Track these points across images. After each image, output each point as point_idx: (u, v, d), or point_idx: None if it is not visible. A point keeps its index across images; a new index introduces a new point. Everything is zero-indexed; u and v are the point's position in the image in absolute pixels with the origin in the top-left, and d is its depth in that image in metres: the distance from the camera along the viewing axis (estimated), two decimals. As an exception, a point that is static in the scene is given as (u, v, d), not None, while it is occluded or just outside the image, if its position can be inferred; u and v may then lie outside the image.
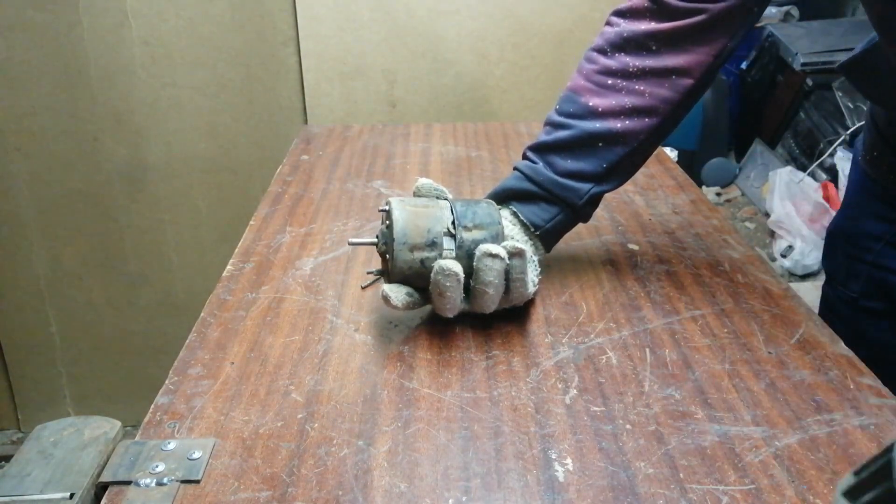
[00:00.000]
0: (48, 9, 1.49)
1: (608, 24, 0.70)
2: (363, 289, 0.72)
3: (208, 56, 1.56)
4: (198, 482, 0.48)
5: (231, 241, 1.09)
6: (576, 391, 0.57)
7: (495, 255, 0.59)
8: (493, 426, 0.53)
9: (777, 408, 0.55)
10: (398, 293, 0.61)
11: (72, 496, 0.49)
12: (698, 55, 0.66)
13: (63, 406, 1.83)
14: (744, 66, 2.63)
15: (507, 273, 0.61)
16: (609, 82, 0.68)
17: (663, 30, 0.66)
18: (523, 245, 0.62)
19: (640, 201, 0.93)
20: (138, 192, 1.66)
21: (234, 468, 0.50)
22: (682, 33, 0.66)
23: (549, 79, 1.60)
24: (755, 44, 2.58)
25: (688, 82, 0.67)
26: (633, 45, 0.67)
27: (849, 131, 2.21)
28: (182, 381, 0.59)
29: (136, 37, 1.53)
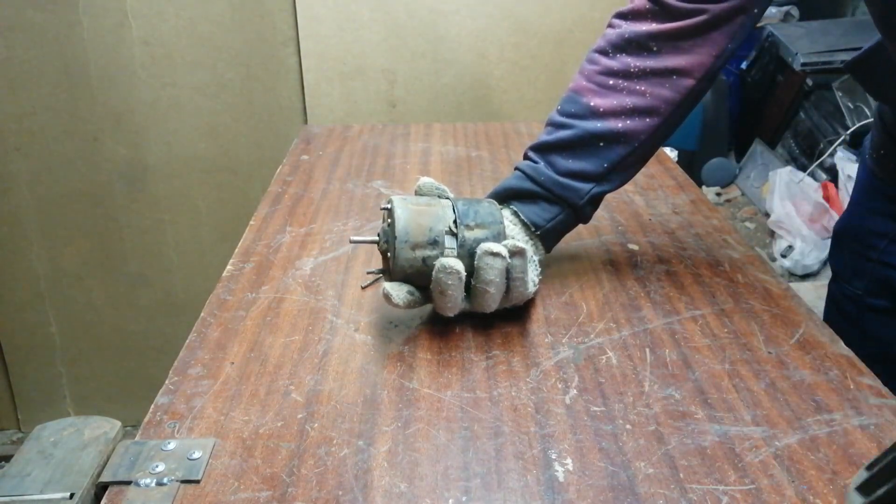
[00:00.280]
0: (48, 9, 1.49)
1: (610, 25, 0.70)
2: (363, 289, 0.72)
3: (208, 56, 1.56)
4: (198, 482, 0.48)
5: (231, 241, 1.09)
6: (576, 391, 0.57)
7: (496, 254, 0.59)
8: (493, 426, 0.53)
9: (777, 408, 0.55)
10: (399, 291, 0.61)
11: (72, 496, 0.49)
12: (699, 56, 0.67)
13: (63, 406, 1.83)
14: (744, 66, 2.63)
15: (508, 272, 0.61)
16: (610, 82, 0.68)
17: (664, 30, 0.66)
18: (524, 245, 0.62)
19: (640, 201, 0.93)
20: (138, 192, 1.66)
21: (234, 468, 0.50)
22: (683, 33, 0.66)
23: (549, 79, 1.60)
24: (755, 44, 2.58)
25: (689, 83, 0.67)
26: (635, 45, 0.67)
27: (849, 131, 2.20)
28: (182, 381, 0.59)
29: (136, 37, 1.53)
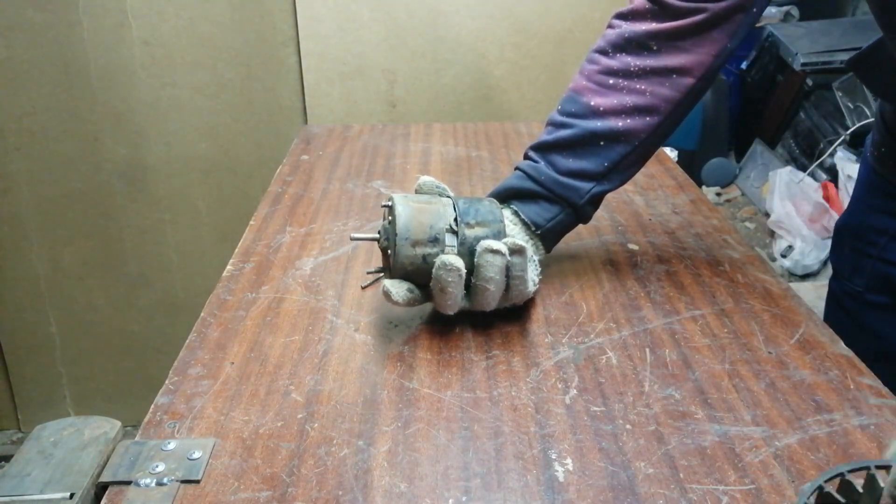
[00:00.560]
0: (48, 9, 1.49)
1: (610, 26, 0.71)
2: (363, 289, 0.72)
3: (208, 56, 1.56)
4: (198, 482, 0.48)
5: (231, 241, 1.09)
6: (576, 391, 0.57)
7: (496, 251, 0.59)
8: (493, 426, 0.53)
9: (777, 408, 0.55)
10: (399, 289, 0.61)
11: (72, 496, 0.49)
12: (699, 55, 0.67)
13: (63, 406, 1.83)
14: (744, 66, 2.63)
15: (508, 270, 0.61)
16: (610, 82, 0.68)
17: (664, 29, 0.67)
18: (524, 243, 0.62)
19: (640, 201, 0.93)
20: (138, 192, 1.66)
21: (234, 468, 0.50)
22: (682, 32, 0.66)
23: (549, 79, 1.60)
24: (755, 44, 2.58)
25: (689, 81, 0.67)
26: (635, 45, 0.68)
27: (849, 131, 2.20)
28: (182, 381, 0.59)
29: (136, 37, 1.53)
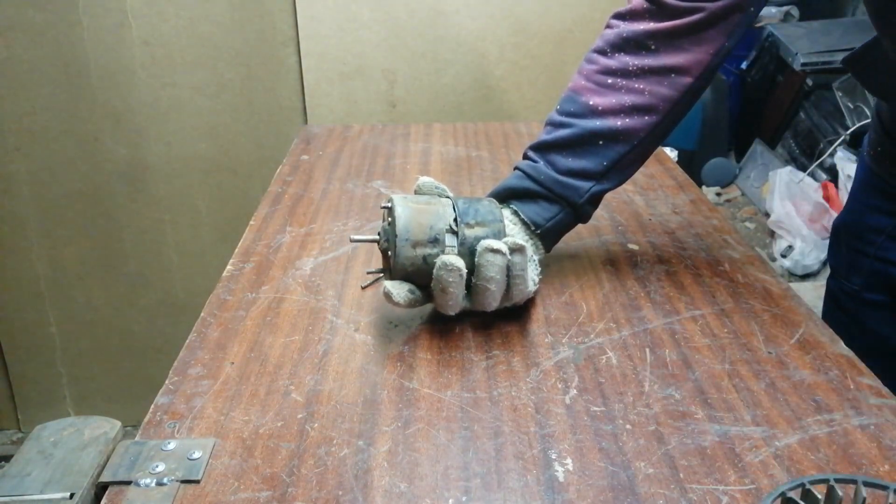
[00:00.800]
0: (48, 9, 1.49)
1: (608, 26, 0.71)
2: (363, 289, 0.72)
3: (208, 56, 1.56)
4: (198, 482, 0.48)
5: (231, 241, 1.09)
6: (576, 391, 0.57)
7: (497, 251, 0.59)
8: (493, 426, 0.53)
9: (777, 408, 0.55)
10: (400, 290, 0.61)
11: (72, 496, 0.49)
12: (697, 54, 0.67)
13: (63, 406, 1.83)
14: (744, 66, 2.63)
15: (508, 269, 0.61)
16: (609, 81, 0.68)
17: (662, 29, 0.67)
18: (524, 242, 0.62)
19: (640, 201, 0.93)
20: (138, 192, 1.66)
21: (234, 468, 0.50)
22: (680, 32, 0.67)
23: (549, 79, 1.60)
24: (755, 44, 2.58)
25: (687, 80, 0.67)
26: (633, 44, 0.68)
27: (849, 131, 2.20)
28: (182, 381, 0.59)
29: (136, 37, 1.53)
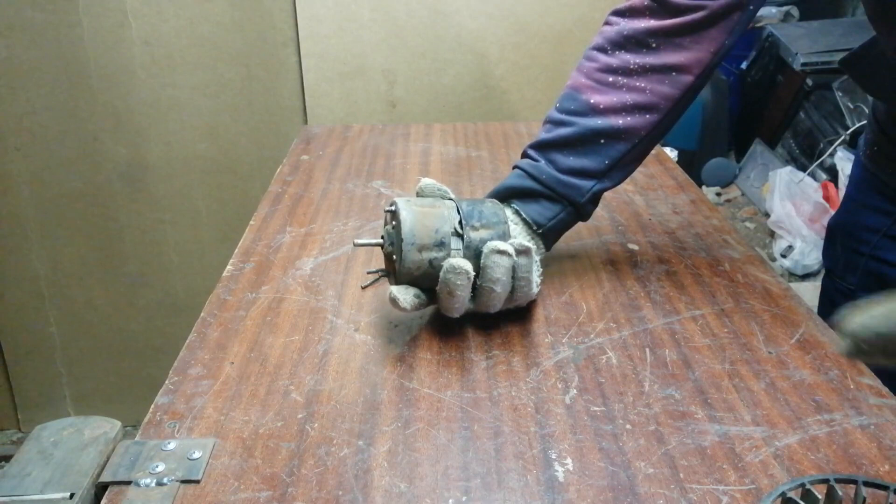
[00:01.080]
0: (48, 9, 1.49)
1: (607, 23, 0.71)
2: (363, 289, 0.72)
3: (208, 56, 1.56)
4: (198, 482, 0.48)
5: (231, 241, 1.09)
6: (576, 391, 0.57)
7: (503, 252, 0.59)
8: (493, 426, 0.53)
9: (777, 408, 0.55)
10: (407, 295, 0.60)
11: (72, 496, 0.49)
12: (697, 52, 0.67)
13: (63, 406, 1.83)
14: (744, 66, 2.63)
15: (514, 271, 0.61)
16: (610, 79, 0.68)
17: (663, 27, 0.67)
18: (528, 243, 0.62)
19: (640, 201, 0.93)
20: (138, 192, 1.66)
21: (234, 468, 0.50)
22: (681, 30, 0.66)
23: (549, 79, 1.60)
24: (755, 44, 2.58)
25: (687, 79, 0.67)
26: (634, 42, 0.68)
27: (849, 131, 2.21)
28: (182, 381, 0.59)
29: (136, 37, 1.53)
